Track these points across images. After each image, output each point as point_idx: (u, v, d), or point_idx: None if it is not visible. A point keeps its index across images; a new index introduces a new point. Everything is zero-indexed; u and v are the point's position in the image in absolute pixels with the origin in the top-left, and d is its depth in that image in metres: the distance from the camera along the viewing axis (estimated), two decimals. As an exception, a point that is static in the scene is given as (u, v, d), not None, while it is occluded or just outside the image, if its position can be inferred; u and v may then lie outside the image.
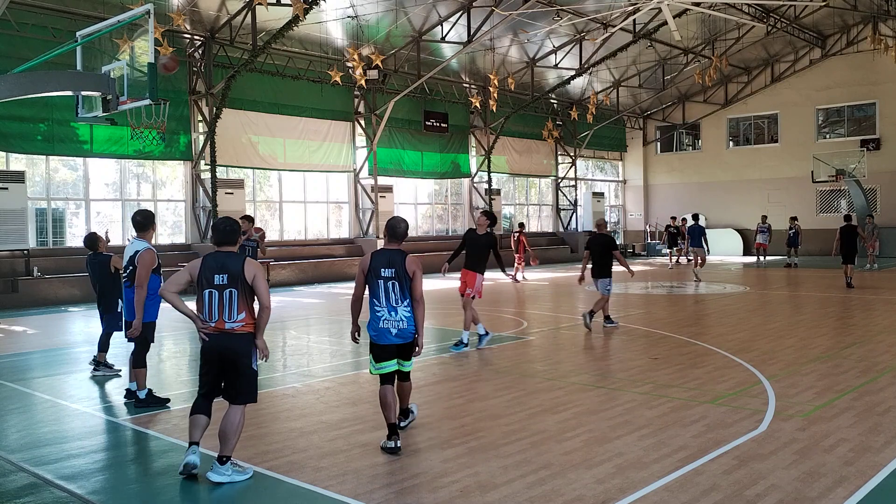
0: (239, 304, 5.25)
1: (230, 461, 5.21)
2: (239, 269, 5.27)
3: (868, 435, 5.95)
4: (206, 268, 5.30)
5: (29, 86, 9.94)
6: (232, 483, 5.14)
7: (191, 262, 5.47)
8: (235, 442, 5.28)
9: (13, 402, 7.77)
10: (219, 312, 5.24)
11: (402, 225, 6.10)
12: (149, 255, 7.24)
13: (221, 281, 5.24)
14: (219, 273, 5.26)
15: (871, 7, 29.12)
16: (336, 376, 8.77)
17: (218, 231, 5.45)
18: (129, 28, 11.31)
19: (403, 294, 5.90)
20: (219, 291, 5.24)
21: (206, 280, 5.27)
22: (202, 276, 5.29)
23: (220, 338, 5.25)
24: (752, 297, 17.09)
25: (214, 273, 5.27)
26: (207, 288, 5.26)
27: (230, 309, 5.23)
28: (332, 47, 24.23)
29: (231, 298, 5.24)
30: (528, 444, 5.87)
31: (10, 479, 5.35)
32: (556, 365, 9.32)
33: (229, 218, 5.63)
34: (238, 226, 5.59)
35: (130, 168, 21.32)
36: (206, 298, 5.26)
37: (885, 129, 31.31)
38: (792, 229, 26.57)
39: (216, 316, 5.24)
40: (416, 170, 28.11)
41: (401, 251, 5.99)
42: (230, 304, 5.23)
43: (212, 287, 5.25)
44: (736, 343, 10.41)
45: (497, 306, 15.92)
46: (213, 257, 5.36)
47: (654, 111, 37.62)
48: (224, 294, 5.24)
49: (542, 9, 23.45)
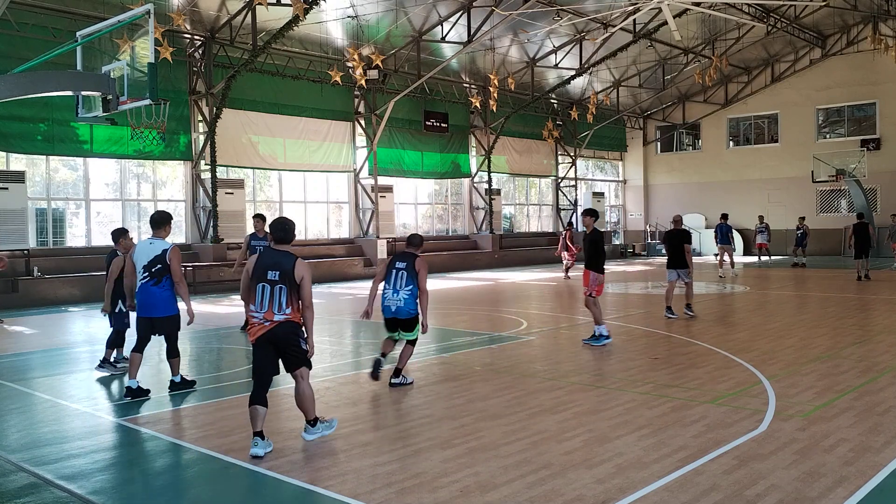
0: (287, 300, 5.75)
1: (318, 421, 5.98)
2: (290, 268, 5.77)
3: (868, 435, 5.95)
4: (260, 263, 5.83)
5: (29, 86, 9.95)
6: (324, 436, 5.99)
7: (248, 260, 6.05)
8: (313, 406, 5.95)
9: (13, 402, 7.77)
10: (269, 305, 5.74)
11: (417, 238, 8.33)
12: (178, 251, 7.86)
13: (273, 277, 5.75)
14: (272, 269, 5.77)
15: (871, 7, 29.11)
16: (336, 376, 8.77)
17: (274, 229, 5.99)
18: (129, 28, 11.29)
19: (407, 283, 7.83)
20: (270, 286, 5.74)
21: (260, 275, 5.78)
22: (256, 270, 5.81)
23: (269, 328, 5.77)
24: (753, 297, 17.08)
25: (268, 269, 5.78)
26: (260, 282, 5.77)
27: (279, 303, 5.73)
28: (332, 47, 24.23)
29: (280, 294, 5.74)
30: (528, 444, 5.87)
31: (10, 479, 5.35)
32: (556, 365, 9.32)
33: (285, 218, 6.12)
34: (293, 225, 6.13)
35: (130, 168, 21.32)
36: (259, 291, 5.76)
37: (885, 129, 31.31)
38: (800, 229, 26.66)
39: (266, 307, 5.74)
40: (416, 170, 28.11)
41: (414, 254, 8.07)
42: (279, 298, 5.73)
43: (264, 281, 5.76)
44: (736, 343, 10.41)
45: (497, 306, 15.92)
46: (269, 254, 5.90)
47: (654, 111, 37.62)
48: (275, 289, 5.74)
49: (542, 9, 23.45)
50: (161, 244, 7.78)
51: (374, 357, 8.23)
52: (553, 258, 31.97)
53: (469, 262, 28.48)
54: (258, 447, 5.62)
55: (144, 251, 7.77)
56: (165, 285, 7.74)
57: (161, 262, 7.68)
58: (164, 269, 7.69)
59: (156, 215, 8.00)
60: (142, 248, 7.82)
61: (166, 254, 7.69)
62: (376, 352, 8.48)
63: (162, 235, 7.88)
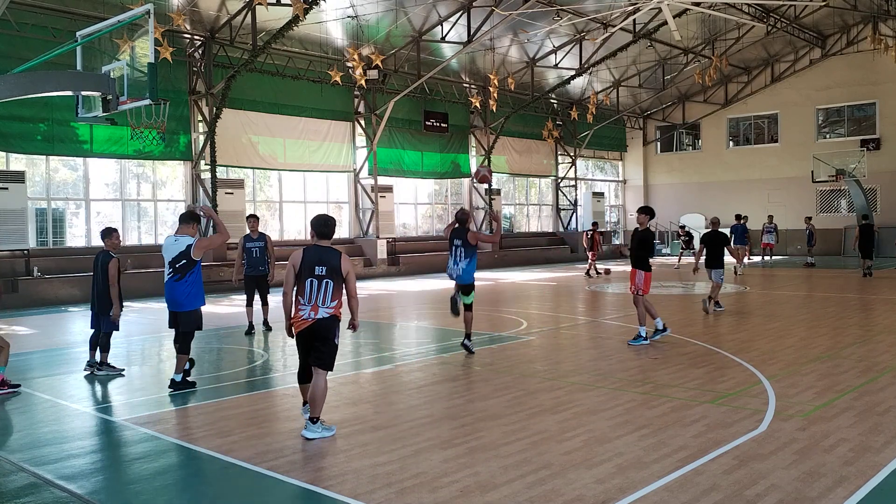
0: (333, 293, 6.20)
1: (319, 421, 6.15)
2: (337, 263, 6.22)
3: (868, 435, 5.95)
4: (307, 259, 6.21)
5: (29, 86, 9.95)
6: (322, 438, 6.08)
7: (291, 255, 6.30)
8: (321, 405, 6.19)
9: (13, 402, 7.77)
10: (316, 298, 6.17)
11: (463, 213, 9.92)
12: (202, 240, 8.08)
13: (321, 272, 6.18)
14: (318, 265, 6.19)
15: (871, 7, 29.11)
16: (336, 376, 8.75)
17: (317, 226, 6.36)
18: (129, 28, 11.29)
19: (463, 258, 9.60)
20: (318, 281, 6.17)
21: (308, 270, 6.19)
22: (303, 266, 6.20)
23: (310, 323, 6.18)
24: (753, 297, 17.08)
25: (315, 265, 6.20)
26: (309, 277, 6.18)
27: (325, 296, 6.18)
28: (332, 47, 24.23)
29: (327, 288, 6.18)
30: (528, 444, 5.87)
31: (10, 479, 5.35)
32: (556, 365, 9.32)
33: (326, 215, 6.48)
34: (334, 221, 6.49)
35: (130, 168, 21.32)
36: (308, 286, 6.17)
37: (885, 128, 31.31)
38: (808, 229, 26.82)
39: (314, 300, 6.16)
40: (416, 170, 28.10)
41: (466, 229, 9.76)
42: (326, 292, 6.18)
43: (312, 276, 6.18)
44: (736, 343, 10.41)
45: (497, 306, 15.92)
46: (314, 250, 6.26)
47: (654, 111, 37.62)
48: (322, 283, 6.17)
49: (542, 9, 23.45)
50: (185, 240, 7.93)
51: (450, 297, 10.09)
52: (553, 258, 32.02)
53: (469, 262, 28.40)
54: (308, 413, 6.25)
55: (170, 248, 7.95)
56: (188, 280, 7.89)
57: (185, 257, 7.85)
58: (188, 265, 7.87)
59: (184, 213, 8.29)
60: (167, 246, 8.00)
61: (190, 249, 7.85)
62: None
63: (188, 232, 8.02)
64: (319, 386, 6.16)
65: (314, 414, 6.14)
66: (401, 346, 11.31)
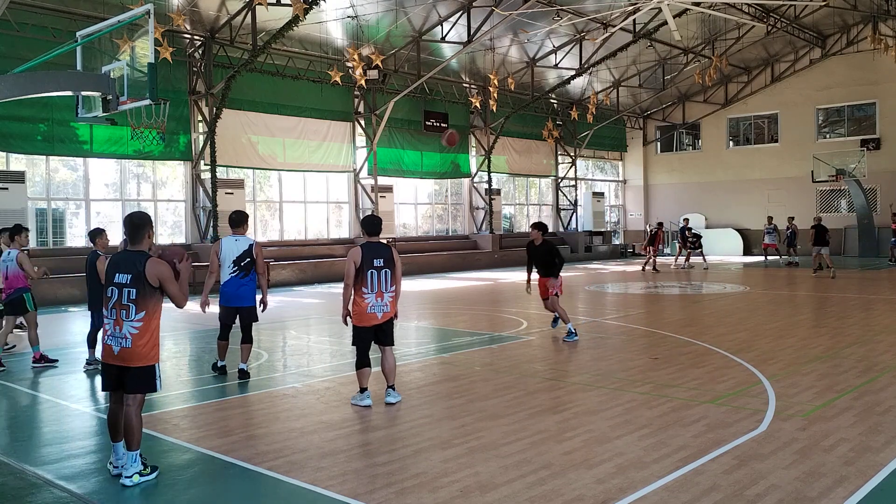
0: (391, 280, 7.32)
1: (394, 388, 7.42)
2: (390, 255, 7.35)
3: (868, 435, 5.95)
4: (366, 255, 7.24)
5: (29, 86, 9.95)
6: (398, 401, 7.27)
7: (350, 252, 7.32)
8: (394, 374, 7.45)
9: (14, 402, 7.77)
10: (378, 285, 7.23)
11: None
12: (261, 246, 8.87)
13: (379, 264, 7.25)
14: (376, 258, 7.26)
15: (871, 7, 29.11)
16: (336, 376, 8.76)
17: (366, 224, 7.43)
18: (129, 28, 11.30)
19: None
20: (377, 272, 7.24)
21: (368, 263, 7.23)
22: (364, 260, 7.22)
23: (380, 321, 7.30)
24: (753, 297, 17.08)
25: (373, 258, 7.25)
26: (370, 269, 7.22)
27: (386, 282, 7.28)
28: (332, 47, 24.23)
29: (386, 276, 7.29)
30: (528, 444, 5.87)
31: (9, 479, 5.35)
32: (556, 365, 9.32)
33: (374, 215, 7.52)
34: (381, 220, 7.54)
35: (130, 168, 21.32)
36: (369, 277, 7.21)
37: (885, 128, 31.30)
38: (789, 229, 26.73)
39: (377, 288, 7.23)
40: (415, 170, 28.11)
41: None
42: (385, 279, 7.27)
43: (373, 268, 7.23)
44: (736, 343, 10.41)
45: (497, 306, 15.92)
46: (371, 247, 7.31)
47: (654, 111, 37.62)
48: (381, 273, 7.26)
49: (542, 9, 23.45)
50: (246, 240, 8.53)
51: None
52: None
53: (469, 262, 28.47)
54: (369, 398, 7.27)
55: (232, 248, 8.48)
56: (252, 277, 8.55)
57: (249, 256, 8.48)
58: (251, 263, 8.51)
59: (234, 215, 8.70)
60: (229, 246, 8.50)
61: (252, 248, 8.51)
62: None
63: (243, 233, 8.58)
64: (390, 360, 7.42)
65: (391, 382, 7.39)
66: (401, 346, 11.30)
